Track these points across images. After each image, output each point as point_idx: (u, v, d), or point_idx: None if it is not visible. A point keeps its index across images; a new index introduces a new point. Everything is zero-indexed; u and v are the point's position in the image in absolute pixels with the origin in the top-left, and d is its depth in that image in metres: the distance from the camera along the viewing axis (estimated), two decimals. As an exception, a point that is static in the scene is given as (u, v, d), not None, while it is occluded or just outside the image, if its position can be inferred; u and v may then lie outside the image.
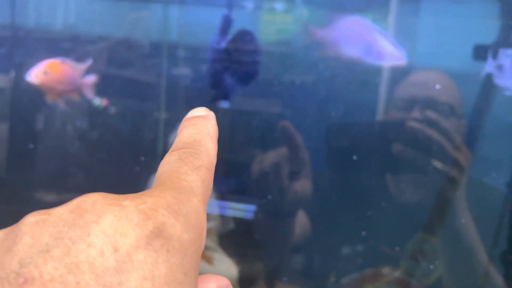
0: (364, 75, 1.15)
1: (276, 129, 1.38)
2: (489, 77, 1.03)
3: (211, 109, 0.29)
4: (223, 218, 1.05)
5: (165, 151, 1.09)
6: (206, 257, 0.97)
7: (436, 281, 1.08)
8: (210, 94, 1.25)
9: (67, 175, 1.22)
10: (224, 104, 1.48)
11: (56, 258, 0.18)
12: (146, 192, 0.22)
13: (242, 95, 1.46)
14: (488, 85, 1.02)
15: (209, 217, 1.03)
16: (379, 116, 1.11)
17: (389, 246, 1.09)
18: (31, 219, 0.20)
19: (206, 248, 1.00)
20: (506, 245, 0.94)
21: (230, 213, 1.42)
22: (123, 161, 1.18)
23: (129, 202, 0.20)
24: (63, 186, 1.22)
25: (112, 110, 1.17)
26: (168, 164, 0.25)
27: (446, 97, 1.08)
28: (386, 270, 1.11)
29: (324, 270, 1.14)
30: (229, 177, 1.51)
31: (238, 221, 1.31)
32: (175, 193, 0.22)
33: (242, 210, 1.46)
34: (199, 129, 0.27)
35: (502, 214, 0.94)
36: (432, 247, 1.10)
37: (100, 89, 1.17)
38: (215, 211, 1.22)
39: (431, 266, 1.09)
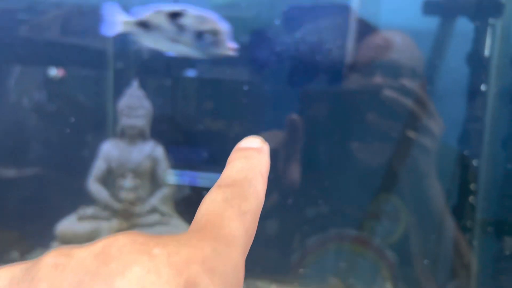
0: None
1: (244, 96, 1.38)
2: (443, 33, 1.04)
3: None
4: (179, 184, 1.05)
5: (115, 120, 1.06)
6: None
7: (398, 240, 1.11)
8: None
9: (26, 150, 1.19)
10: (190, 73, 1.47)
11: None
12: (182, 237, 0.19)
13: (209, 63, 1.45)
14: (442, 42, 1.03)
15: (165, 182, 1.03)
16: (345, 80, 1.11)
17: (353, 207, 1.11)
18: (50, 261, 0.17)
19: (162, 213, 1.00)
20: (457, 199, 0.97)
21: (201, 183, 1.43)
22: (81, 131, 1.15)
23: (160, 251, 0.17)
24: (23, 160, 1.19)
25: (68, 79, 1.14)
26: (212, 203, 0.22)
27: (408, 59, 1.09)
28: (349, 230, 1.13)
29: (290, 232, 1.16)
30: (198, 147, 1.50)
31: (201, 190, 1.32)
32: (215, 243, 0.19)
33: (213, 179, 1.46)
34: (252, 165, 0.24)
35: (453, 171, 0.97)
36: (395, 208, 1.12)
37: (55, 58, 1.14)
38: (181, 181, 1.22)
39: (394, 226, 1.12)
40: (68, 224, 0.99)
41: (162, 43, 0.65)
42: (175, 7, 0.64)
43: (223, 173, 0.24)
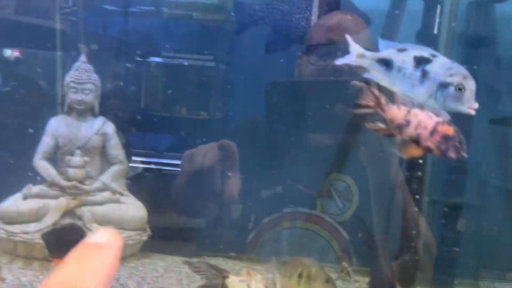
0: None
1: (209, 83, 1.37)
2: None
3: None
4: (131, 161, 1.03)
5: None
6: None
7: (350, 218, 1.13)
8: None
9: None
10: (155, 58, 1.44)
11: None
12: None
13: (175, 49, 1.43)
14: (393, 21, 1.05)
15: (116, 159, 1.00)
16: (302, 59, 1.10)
17: (307, 186, 1.13)
18: None
19: (113, 191, 0.97)
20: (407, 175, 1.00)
21: (163, 168, 1.41)
22: (30, 109, 1.10)
23: None
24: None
25: (22, 59, 1.10)
26: None
27: (362, 42, 1.10)
28: (303, 209, 1.14)
29: (245, 212, 1.16)
30: (162, 133, 1.48)
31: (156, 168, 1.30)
32: None
33: (174, 165, 1.45)
34: (90, 271, 0.22)
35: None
36: (347, 186, 1.14)
37: (10, 39, 1.09)
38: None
39: (346, 204, 1.14)
40: (12, 203, 0.95)
41: (400, 86, 0.60)
42: (424, 51, 0.59)
43: (58, 271, 0.22)
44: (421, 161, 1.01)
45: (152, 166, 1.44)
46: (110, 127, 1.00)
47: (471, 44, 1.07)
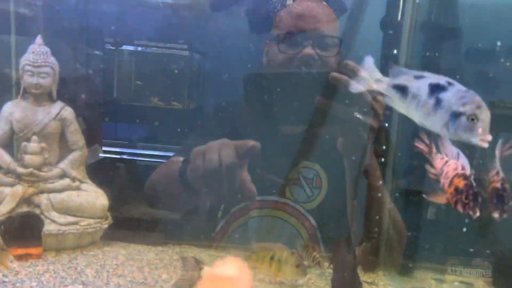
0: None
1: (183, 73, 1.34)
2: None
3: None
4: (91, 149, 1.00)
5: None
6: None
7: (318, 205, 1.13)
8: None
9: None
10: (127, 47, 1.40)
11: None
12: None
13: (149, 38, 1.39)
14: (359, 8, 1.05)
15: (76, 146, 0.98)
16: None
17: (276, 175, 1.12)
18: None
19: (72, 179, 0.95)
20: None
21: (138, 158, 1.38)
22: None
23: None
24: None
25: None
26: None
27: (332, 28, 1.09)
28: (271, 197, 1.14)
29: (214, 202, 1.15)
30: (137, 124, 1.45)
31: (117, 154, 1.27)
32: None
33: (150, 156, 1.43)
34: None
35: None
36: (316, 174, 1.14)
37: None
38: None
39: (315, 191, 1.14)
40: (-36, 191, 0.91)
41: (415, 113, 0.57)
42: (441, 79, 0.55)
43: None
44: (384, 147, 1.02)
45: (125, 156, 1.42)
46: (69, 113, 0.97)
47: (434, 32, 1.08)
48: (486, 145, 0.53)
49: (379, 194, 1.02)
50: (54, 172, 0.94)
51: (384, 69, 1.03)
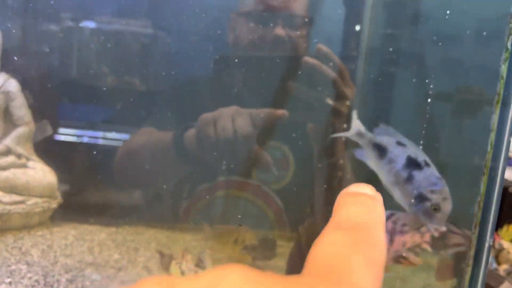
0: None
1: (147, 52, 1.30)
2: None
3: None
4: (39, 124, 0.95)
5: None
6: None
7: (285, 186, 1.11)
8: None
9: None
10: (88, 24, 1.34)
11: None
12: (303, 280, 0.17)
13: (111, 13, 1.33)
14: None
15: (21, 121, 0.93)
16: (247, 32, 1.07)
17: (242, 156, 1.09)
18: None
19: (17, 156, 0.90)
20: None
21: (99, 141, 1.34)
22: None
23: None
24: None
25: None
26: (333, 246, 0.20)
27: (302, 6, 1.06)
28: (237, 177, 1.11)
29: (179, 181, 1.12)
30: (98, 105, 1.39)
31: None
32: None
33: (112, 139, 1.38)
34: (372, 212, 0.22)
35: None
36: (283, 155, 1.12)
37: None
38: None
39: (282, 172, 1.12)
40: None
41: (385, 176, 0.54)
42: (421, 156, 0.53)
43: (337, 215, 0.22)
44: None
45: (86, 139, 1.37)
46: (13, 85, 0.91)
47: (399, 11, 1.06)
48: (436, 234, 0.55)
49: (340, 183, 1.00)
50: (-2, 149, 0.89)
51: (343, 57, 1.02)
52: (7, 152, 0.90)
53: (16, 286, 0.68)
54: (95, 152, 1.26)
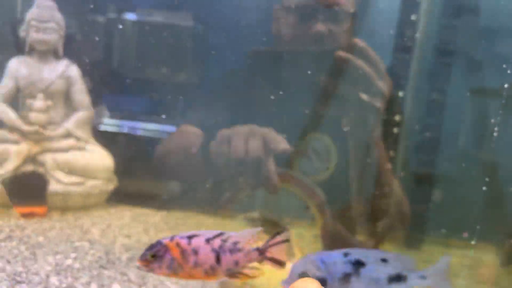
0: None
1: (187, 45, 1.31)
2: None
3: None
4: (97, 110, 0.98)
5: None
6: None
7: (328, 178, 1.11)
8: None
9: None
10: (130, 16, 1.36)
11: None
12: None
13: (151, 7, 1.35)
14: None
15: (81, 105, 0.96)
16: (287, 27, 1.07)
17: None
18: None
19: (77, 138, 0.93)
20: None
21: (141, 132, 1.36)
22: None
23: None
24: None
25: None
26: None
27: (351, 0, 1.05)
28: (279, 169, 1.12)
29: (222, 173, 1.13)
30: (139, 97, 1.42)
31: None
32: None
33: (153, 130, 1.41)
34: None
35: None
36: (325, 146, 1.12)
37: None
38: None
39: (323, 164, 1.12)
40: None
41: None
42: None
43: None
44: (397, 118, 0.99)
45: (125, 129, 1.40)
46: (74, 71, 0.94)
47: (452, 12, 1.04)
48: None
49: (386, 177, 1.00)
50: (59, 132, 0.93)
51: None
52: (68, 135, 0.94)
53: (81, 262, 0.71)
54: (141, 144, 1.29)
